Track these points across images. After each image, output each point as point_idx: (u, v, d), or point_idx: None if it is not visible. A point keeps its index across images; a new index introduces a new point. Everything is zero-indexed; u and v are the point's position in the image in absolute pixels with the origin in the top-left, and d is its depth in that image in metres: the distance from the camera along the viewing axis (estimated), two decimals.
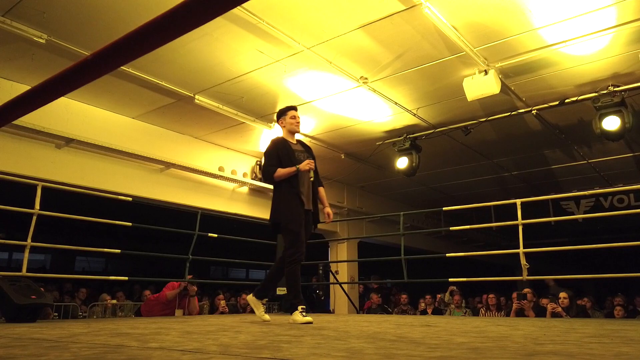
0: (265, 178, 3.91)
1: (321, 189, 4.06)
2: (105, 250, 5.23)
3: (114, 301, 7.25)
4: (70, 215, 4.76)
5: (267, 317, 3.84)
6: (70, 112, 5.97)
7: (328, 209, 4.05)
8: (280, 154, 3.82)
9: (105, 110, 6.41)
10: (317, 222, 3.95)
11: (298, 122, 3.99)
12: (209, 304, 7.44)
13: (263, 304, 3.93)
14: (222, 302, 7.01)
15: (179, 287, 5.77)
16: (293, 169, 3.74)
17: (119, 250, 5.14)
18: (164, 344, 1.88)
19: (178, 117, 6.68)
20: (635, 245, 4.48)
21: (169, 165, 6.96)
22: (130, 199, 5.64)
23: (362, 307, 8.80)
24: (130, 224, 5.19)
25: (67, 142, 5.91)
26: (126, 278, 5.32)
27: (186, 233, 5.72)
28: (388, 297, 9.26)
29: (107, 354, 1.59)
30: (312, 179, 3.90)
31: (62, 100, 5.71)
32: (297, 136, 4.13)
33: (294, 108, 4.03)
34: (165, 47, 0.84)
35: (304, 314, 3.49)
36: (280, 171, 3.75)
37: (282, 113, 4.03)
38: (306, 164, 3.77)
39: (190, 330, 2.62)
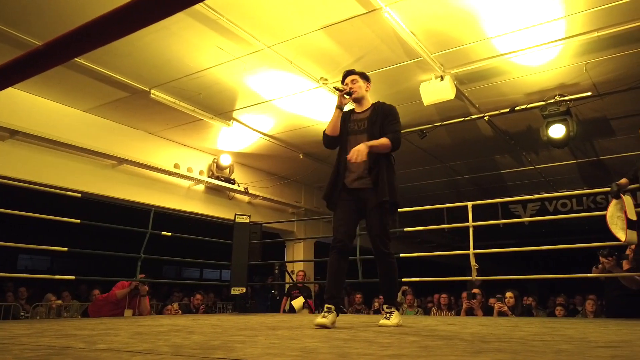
0: (325, 145, 3.36)
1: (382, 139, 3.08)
2: (51, 248, 4.99)
3: (59, 301, 6.95)
4: (13, 211, 4.52)
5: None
6: (16, 103, 5.68)
7: (360, 146, 2.93)
8: None
9: (53, 102, 6.14)
10: (386, 201, 3.03)
11: (351, 88, 3.19)
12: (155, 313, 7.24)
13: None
14: (175, 306, 6.86)
15: (130, 286, 5.60)
16: (334, 112, 3.15)
17: (66, 249, 4.93)
18: (112, 345, 1.82)
19: (132, 111, 6.48)
20: (577, 248, 4.74)
21: (121, 161, 6.75)
22: (79, 194, 5.42)
23: (317, 306, 8.82)
24: (78, 220, 4.98)
25: (12, 134, 5.62)
26: (73, 277, 5.11)
27: (138, 231, 5.56)
28: (343, 297, 9.34)
29: (51, 356, 1.52)
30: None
31: (7, 90, 5.40)
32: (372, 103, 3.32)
33: (349, 73, 3.29)
34: (121, 39, 0.81)
35: (324, 314, 2.88)
36: (327, 126, 3.16)
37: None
38: (344, 86, 3.18)
39: (140, 331, 2.55)
